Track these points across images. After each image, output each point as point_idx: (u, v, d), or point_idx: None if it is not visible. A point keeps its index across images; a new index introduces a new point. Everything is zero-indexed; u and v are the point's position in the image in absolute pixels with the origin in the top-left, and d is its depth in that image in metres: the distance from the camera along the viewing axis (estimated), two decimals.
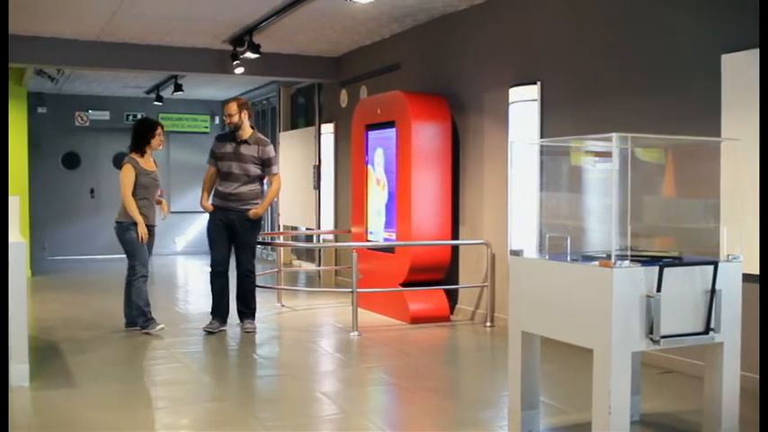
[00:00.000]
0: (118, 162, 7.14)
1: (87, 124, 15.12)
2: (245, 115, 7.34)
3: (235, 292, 7.51)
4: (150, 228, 7.34)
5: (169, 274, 12.64)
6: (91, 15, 8.55)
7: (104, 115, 15.15)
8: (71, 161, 15.11)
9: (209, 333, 7.24)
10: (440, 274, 8.23)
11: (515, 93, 7.27)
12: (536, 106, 7.11)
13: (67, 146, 15.01)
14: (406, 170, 8.05)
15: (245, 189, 7.33)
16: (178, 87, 12.51)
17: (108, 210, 7.02)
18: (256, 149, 7.34)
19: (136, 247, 7.24)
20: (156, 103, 13.99)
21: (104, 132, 15.06)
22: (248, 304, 7.51)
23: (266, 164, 7.41)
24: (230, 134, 7.43)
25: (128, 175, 7.21)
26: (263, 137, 7.54)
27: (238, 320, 7.53)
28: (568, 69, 6.87)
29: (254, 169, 7.35)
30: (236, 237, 7.38)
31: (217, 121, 15.85)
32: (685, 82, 5.72)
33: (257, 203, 7.42)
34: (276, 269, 9.75)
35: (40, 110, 14.30)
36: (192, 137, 15.53)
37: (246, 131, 7.37)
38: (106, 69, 11.14)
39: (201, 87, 13.78)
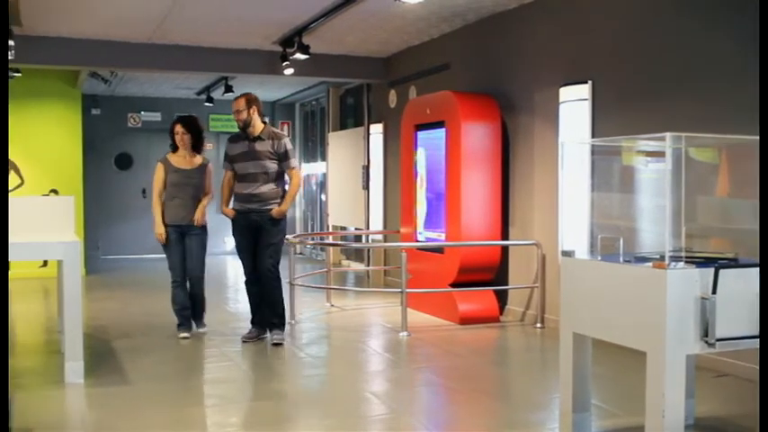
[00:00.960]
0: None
1: (139, 125, 15.35)
2: (254, 111, 6.93)
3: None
4: (181, 228, 7.10)
5: (219, 274, 12.75)
6: (143, 18, 8.66)
7: (156, 116, 15.36)
8: (124, 162, 15.34)
9: (246, 342, 6.94)
10: (489, 274, 8.19)
11: (566, 92, 7.20)
12: (587, 106, 7.04)
13: (120, 147, 15.26)
14: (455, 170, 8.02)
15: (265, 189, 6.84)
16: (228, 88, 12.62)
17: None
18: (271, 144, 6.87)
19: (164, 250, 7.16)
20: (206, 104, 14.14)
21: (156, 133, 15.24)
22: (275, 310, 6.97)
23: (283, 158, 6.88)
24: (242, 133, 6.98)
25: (155, 174, 7.16)
26: (277, 130, 7.13)
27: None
28: (620, 68, 6.79)
29: (272, 165, 6.86)
30: (259, 238, 6.91)
31: (266, 121, 15.93)
32: (740, 81, 5.61)
33: (279, 203, 6.90)
34: (325, 269, 9.78)
35: (94, 111, 14.57)
36: None
37: (258, 127, 6.93)
38: (158, 71, 11.28)
39: (251, 88, 13.72)
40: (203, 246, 7.26)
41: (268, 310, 6.99)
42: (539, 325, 7.65)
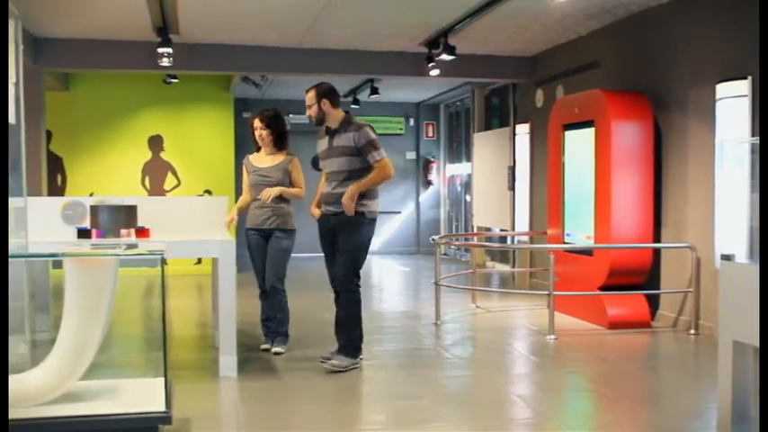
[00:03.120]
0: (316, 164, 6.58)
1: (288, 128, 15.70)
2: (326, 104, 5.99)
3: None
4: (263, 232, 6.65)
5: (364, 274, 12.89)
6: (293, 23, 8.89)
7: (304, 119, 15.47)
8: None
9: (324, 360, 6.02)
10: (640, 278, 7.94)
11: (723, 89, 6.90)
12: (746, 102, 6.72)
13: None
14: (605, 171, 7.82)
15: (342, 189, 5.90)
16: (374, 90, 12.79)
17: (305, 210, 6.70)
18: (349, 137, 5.90)
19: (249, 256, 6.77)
20: (352, 106, 14.36)
21: (303, 136, 15.49)
22: (343, 330, 6.05)
23: (365, 151, 5.85)
24: (326, 128, 6.11)
25: (243, 175, 6.89)
26: (357, 121, 6.02)
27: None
28: None
29: (351, 161, 5.90)
30: (336, 244, 6.11)
31: (411, 123, 16.09)
32: None
33: (363, 203, 5.91)
34: (470, 270, 9.75)
35: (245, 115, 15.03)
36: (387, 139, 15.78)
37: (335, 120, 6.01)
38: (307, 75, 11.54)
39: (396, 90, 14.00)
40: (283, 251, 6.62)
41: (337, 327, 6.10)
42: (692, 331, 7.36)
